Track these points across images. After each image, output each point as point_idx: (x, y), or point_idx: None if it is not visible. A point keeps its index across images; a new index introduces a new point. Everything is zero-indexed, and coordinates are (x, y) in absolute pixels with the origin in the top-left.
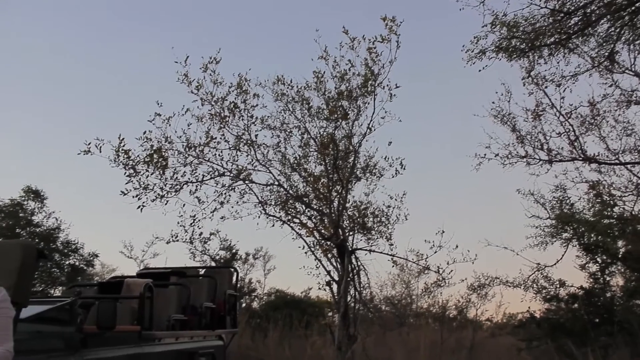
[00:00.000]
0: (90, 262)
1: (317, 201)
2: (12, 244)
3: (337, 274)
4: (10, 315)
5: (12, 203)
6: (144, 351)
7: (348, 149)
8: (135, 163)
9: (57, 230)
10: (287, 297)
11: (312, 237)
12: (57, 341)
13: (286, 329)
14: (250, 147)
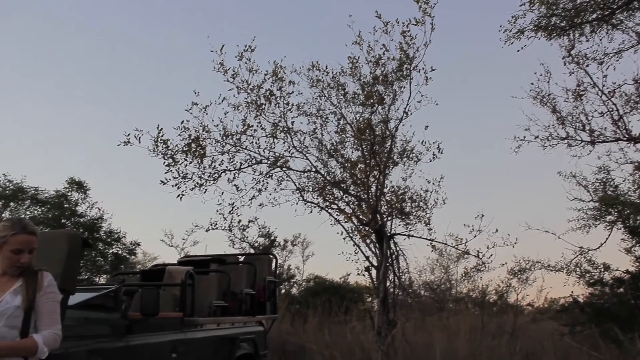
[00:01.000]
0: (133, 251)
1: (355, 187)
2: (59, 234)
3: (375, 259)
4: (57, 300)
5: (57, 194)
6: (186, 337)
7: (385, 134)
8: (173, 152)
9: (100, 220)
10: (326, 283)
11: (350, 222)
12: (103, 327)
13: (325, 315)
14: (286, 134)
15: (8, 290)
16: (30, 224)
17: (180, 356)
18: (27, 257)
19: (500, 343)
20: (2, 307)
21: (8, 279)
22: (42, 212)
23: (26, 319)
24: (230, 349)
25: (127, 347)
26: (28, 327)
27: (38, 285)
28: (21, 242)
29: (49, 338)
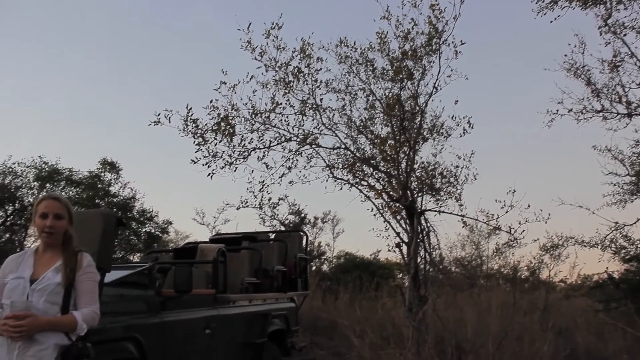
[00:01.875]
0: (165, 230)
1: (385, 163)
2: (94, 213)
3: (406, 235)
4: (95, 280)
5: (90, 175)
6: (219, 313)
7: (414, 110)
8: (203, 132)
9: (132, 199)
10: (356, 259)
11: (380, 199)
12: (138, 304)
13: (356, 291)
14: (315, 111)
15: (50, 267)
16: (56, 193)
17: (213, 332)
18: (51, 221)
19: (532, 319)
20: (44, 283)
21: (50, 257)
22: (77, 192)
23: (66, 296)
24: (263, 325)
25: (162, 323)
26: (68, 304)
27: (78, 265)
28: (45, 207)
29: (88, 316)
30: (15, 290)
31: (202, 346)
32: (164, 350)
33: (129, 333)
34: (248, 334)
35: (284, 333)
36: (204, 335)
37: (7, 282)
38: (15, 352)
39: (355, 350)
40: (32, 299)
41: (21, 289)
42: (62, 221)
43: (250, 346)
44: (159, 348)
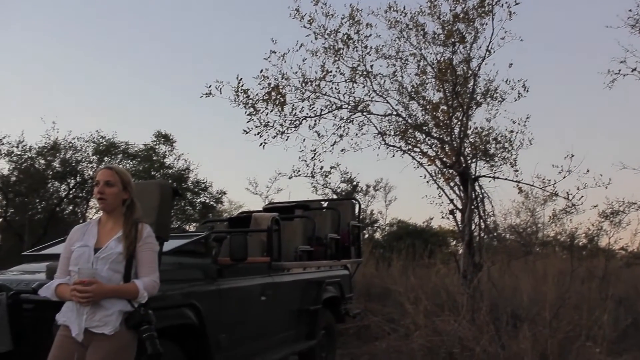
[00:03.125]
0: (219, 200)
1: (437, 129)
2: (151, 184)
3: (460, 202)
4: (155, 250)
5: (146, 148)
6: (274, 281)
7: (467, 74)
8: (254, 102)
9: (187, 171)
10: (409, 227)
11: (433, 165)
12: (196, 271)
13: (409, 259)
14: (366, 78)
15: (112, 237)
16: (110, 164)
17: (268, 299)
18: (101, 187)
19: (591, 287)
20: (107, 252)
21: (112, 227)
22: (133, 165)
23: (128, 265)
24: (317, 292)
25: (219, 291)
26: (130, 273)
27: (138, 235)
28: (99, 175)
29: (149, 284)
30: (81, 257)
31: (258, 313)
32: (221, 317)
33: (187, 300)
34: (303, 301)
35: (338, 300)
36: (259, 302)
37: (74, 250)
38: (84, 316)
39: (410, 317)
40: (96, 267)
41: (86, 257)
42: (112, 188)
43: (305, 313)
44: (216, 314)
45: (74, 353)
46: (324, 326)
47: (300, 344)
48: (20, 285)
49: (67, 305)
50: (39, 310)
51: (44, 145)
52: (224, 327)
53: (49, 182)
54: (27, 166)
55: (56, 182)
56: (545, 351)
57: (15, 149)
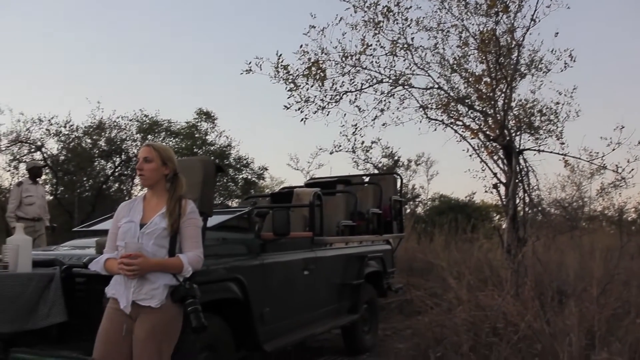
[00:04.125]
0: (261, 175)
1: (480, 102)
2: (194, 161)
3: (504, 176)
4: (198, 225)
5: (188, 125)
6: (317, 255)
7: (511, 45)
8: (294, 77)
9: (228, 147)
10: (451, 201)
11: (476, 139)
12: (239, 246)
13: (452, 233)
14: (407, 51)
15: (157, 213)
16: (150, 141)
17: (311, 273)
18: (140, 164)
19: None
20: (152, 227)
21: (156, 202)
22: (176, 142)
23: (172, 240)
24: (359, 267)
25: (262, 265)
26: (174, 248)
27: (181, 211)
28: (140, 152)
29: (193, 259)
30: (128, 233)
31: (301, 287)
32: (265, 291)
33: (231, 274)
34: (345, 276)
35: (380, 275)
36: (302, 276)
37: (121, 225)
38: (131, 289)
39: (452, 292)
40: (142, 242)
41: (133, 232)
42: (150, 164)
43: (348, 287)
44: (260, 288)
45: (122, 324)
46: (366, 300)
47: (343, 318)
48: (72, 260)
49: (115, 279)
50: (89, 284)
51: (90, 125)
52: (268, 301)
53: (96, 160)
54: (74, 145)
55: (102, 161)
56: (593, 328)
57: (63, 129)
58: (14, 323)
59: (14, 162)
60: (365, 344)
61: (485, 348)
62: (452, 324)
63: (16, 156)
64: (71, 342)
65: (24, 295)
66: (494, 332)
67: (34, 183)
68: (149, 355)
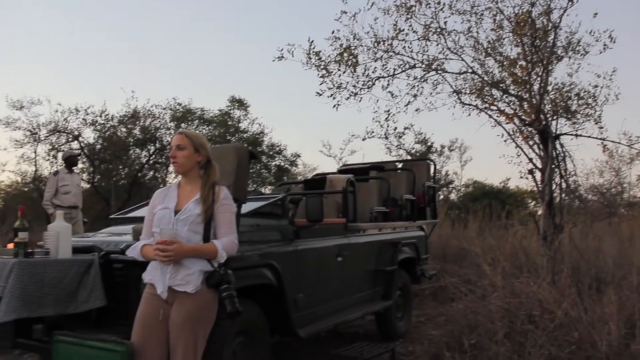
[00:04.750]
0: (294, 162)
1: (515, 86)
2: (228, 148)
3: (540, 161)
4: (232, 211)
5: (221, 113)
6: (350, 241)
7: (547, 27)
8: (326, 64)
9: (261, 134)
10: (485, 187)
11: (511, 123)
12: (273, 233)
13: (486, 220)
14: (440, 35)
15: (191, 199)
16: (184, 130)
17: (345, 259)
18: (173, 152)
19: None
20: (186, 214)
21: (190, 189)
22: (209, 130)
23: (207, 226)
24: (393, 253)
25: (296, 252)
26: (209, 234)
27: (215, 197)
28: (173, 140)
29: (227, 245)
30: (163, 219)
31: (334, 273)
32: (298, 277)
33: (265, 260)
34: (378, 262)
35: (413, 261)
36: (335, 262)
37: (156, 212)
38: (168, 275)
39: (487, 278)
40: (177, 228)
41: (167, 218)
42: (183, 151)
43: (381, 274)
44: (293, 274)
45: (159, 309)
46: (400, 287)
47: (376, 305)
48: (109, 246)
49: (152, 265)
50: (127, 269)
51: (125, 114)
52: (301, 287)
53: (131, 149)
54: (110, 134)
55: (137, 149)
56: (633, 316)
57: (99, 118)
58: (56, 307)
59: (53, 152)
60: (398, 330)
61: (520, 335)
62: (486, 311)
63: (55, 146)
64: (110, 326)
65: (64, 281)
66: (529, 320)
67: (70, 172)
68: (186, 340)
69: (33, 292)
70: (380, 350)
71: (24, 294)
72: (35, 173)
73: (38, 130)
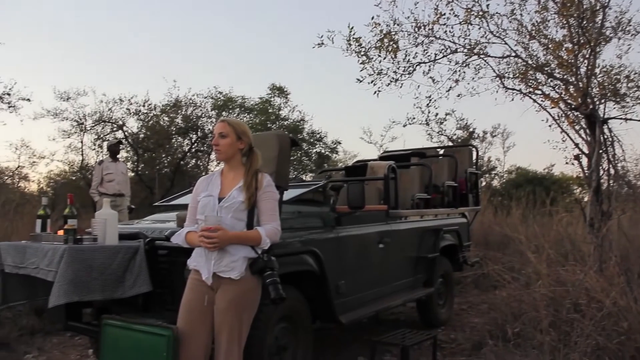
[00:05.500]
0: (334, 149)
1: (561, 69)
2: (270, 135)
3: (586, 146)
4: (275, 198)
5: (261, 101)
6: (391, 228)
7: (595, 7)
8: (366, 50)
9: (302, 122)
10: (528, 174)
11: (556, 108)
12: (315, 220)
13: (529, 206)
14: (482, 18)
15: (234, 187)
16: (226, 118)
17: (386, 246)
18: (215, 140)
19: None
20: (230, 201)
21: (233, 176)
22: (250, 118)
23: (250, 213)
24: (434, 240)
25: (338, 238)
26: (252, 221)
27: (258, 185)
28: (215, 128)
29: (271, 231)
30: (207, 206)
31: (376, 260)
32: (340, 264)
33: (307, 247)
34: (420, 249)
35: (455, 248)
36: (377, 249)
37: (200, 199)
38: (212, 261)
39: (531, 266)
40: (221, 215)
41: (212, 206)
42: (225, 139)
43: (423, 261)
44: (335, 261)
45: (204, 295)
46: (442, 274)
47: (418, 292)
48: (154, 233)
49: (196, 251)
50: (172, 256)
51: (167, 103)
52: (343, 274)
53: (173, 137)
54: (153, 123)
55: (179, 138)
56: None
57: (142, 107)
58: (104, 292)
59: (98, 141)
60: (440, 317)
61: (566, 324)
62: (530, 299)
63: (100, 135)
64: (155, 311)
65: (112, 266)
66: (575, 309)
67: (114, 161)
68: (230, 325)
69: (82, 277)
70: (422, 337)
71: (74, 279)
72: (82, 162)
73: (84, 121)
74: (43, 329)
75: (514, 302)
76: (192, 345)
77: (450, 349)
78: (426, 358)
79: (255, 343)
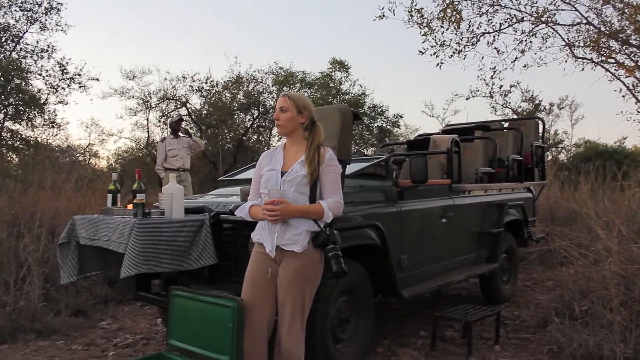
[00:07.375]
0: (396, 123)
1: (637, 36)
2: (332, 109)
3: None
4: (337, 172)
5: (322, 75)
6: (454, 203)
7: None
8: (429, 21)
9: (362, 96)
10: (598, 147)
11: (632, 77)
12: (377, 194)
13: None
14: None
15: (297, 161)
16: (287, 92)
17: (449, 221)
18: (276, 114)
19: None
20: (292, 175)
21: (296, 151)
22: (311, 93)
23: (312, 187)
24: (499, 215)
25: (400, 212)
26: (315, 195)
27: (320, 159)
28: (277, 103)
29: (333, 205)
30: (270, 180)
31: (439, 234)
32: (402, 238)
33: (369, 221)
34: (484, 224)
35: (520, 223)
36: (440, 224)
37: (263, 174)
38: (275, 234)
39: (601, 242)
40: (284, 188)
41: (275, 180)
42: (286, 113)
43: (486, 236)
44: (397, 236)
45: (268, 267)
46: (506, 250)
47: (481, 267)
48: (219, 207)
49: (260, 225)
50: (236, 229)
51: (229, 80)
52: (405, 248)
53: (235, 113)
54: (215, 100)
55: (241, 114)
56: None
57: (204, 84)
58: (172, 264)
59: (163, 118)
60: (503, 294)
61: (638, 304)
62: (600, 277)
63: (164, 112)
64: (221, 283)
65: (179, 239)
66: None
67: (176, 137)
68: (293, 297)
69: (151, 249)
70: (485, 313)
71: (143, 251)
72: (148, 139)
73: (149, 98)
74: (115, 298)
75: (581, 279)
76: (256, 317)
77: (514, 326)
78: (489, 334)
79: (318, 316)
